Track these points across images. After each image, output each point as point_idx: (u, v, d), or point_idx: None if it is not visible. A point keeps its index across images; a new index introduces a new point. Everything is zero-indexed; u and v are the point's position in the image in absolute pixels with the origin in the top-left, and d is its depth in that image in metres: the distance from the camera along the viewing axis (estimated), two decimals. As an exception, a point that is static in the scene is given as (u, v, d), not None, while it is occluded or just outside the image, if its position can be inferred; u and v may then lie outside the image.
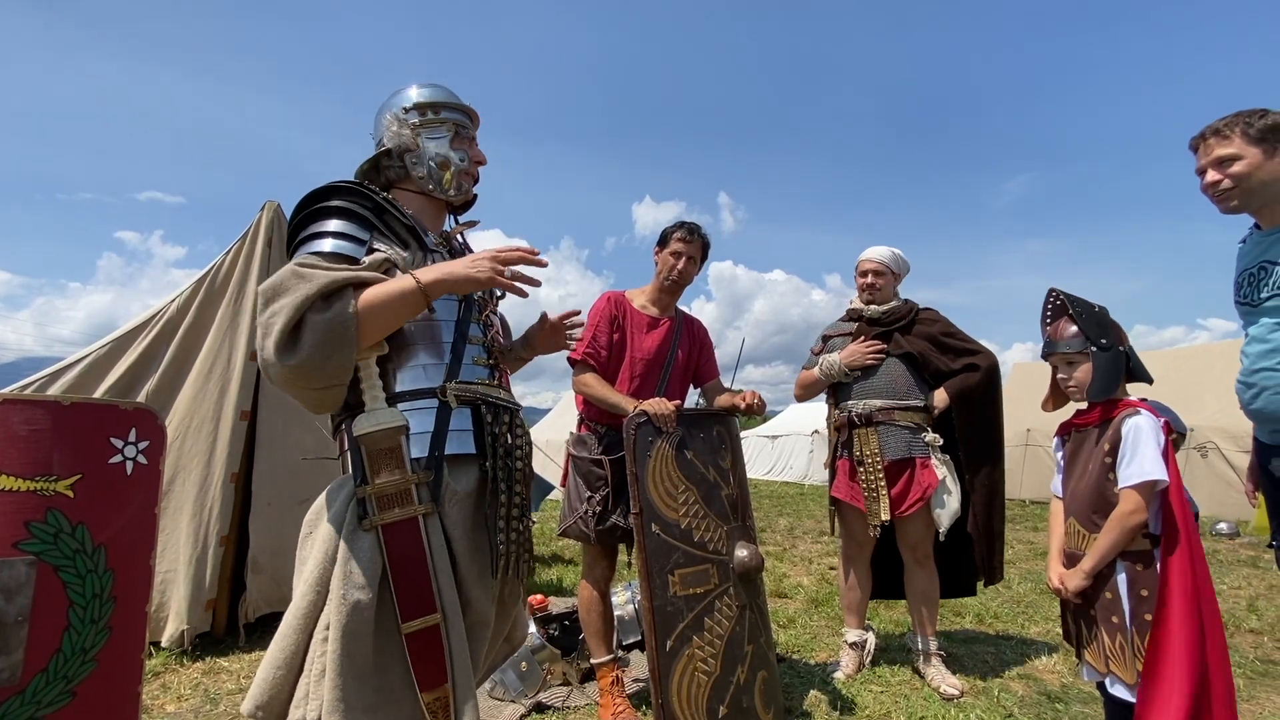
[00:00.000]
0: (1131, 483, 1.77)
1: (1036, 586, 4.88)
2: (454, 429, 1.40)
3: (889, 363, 2.94)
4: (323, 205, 1.42)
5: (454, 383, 1.42)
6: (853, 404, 2.96)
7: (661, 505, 2.15)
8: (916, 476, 2.84)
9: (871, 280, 3.03)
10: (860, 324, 3.07)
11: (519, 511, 1.45)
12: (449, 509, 1.37)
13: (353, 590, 1.25)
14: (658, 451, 2.20)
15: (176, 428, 3.41)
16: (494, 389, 1.50)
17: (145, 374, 3.47)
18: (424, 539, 1.31)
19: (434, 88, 1.62)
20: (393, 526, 1.30)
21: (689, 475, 2.24)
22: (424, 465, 1.36)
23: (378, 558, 1.29)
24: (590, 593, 2.67)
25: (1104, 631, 1.81)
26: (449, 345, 1.45)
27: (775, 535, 7.71)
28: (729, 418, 2.53)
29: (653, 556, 2.09)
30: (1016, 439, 10.94)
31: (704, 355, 2.88)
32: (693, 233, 2.74)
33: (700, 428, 2.34)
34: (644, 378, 2.65)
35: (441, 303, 1.48)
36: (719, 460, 2.35)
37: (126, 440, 1.72)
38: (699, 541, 2.20)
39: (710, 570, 2.19)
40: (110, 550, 1.64)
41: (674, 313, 2.83)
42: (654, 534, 2.11)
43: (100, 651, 1.60)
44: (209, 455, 3.42)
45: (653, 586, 2.07)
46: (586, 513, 2.57)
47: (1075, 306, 1.97)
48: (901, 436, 2.88)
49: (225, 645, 3.40)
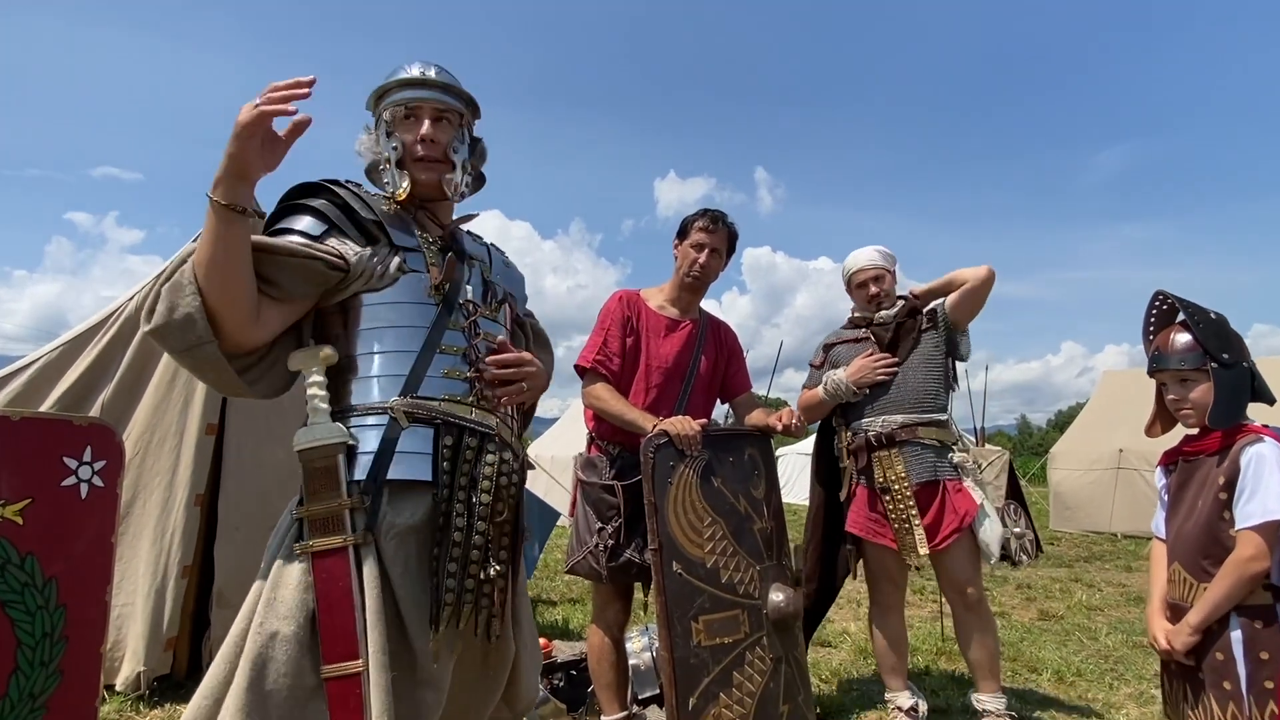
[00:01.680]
0: (1252, 523, 1.73)
1: (1128, 639, 4.78)
2: (404, 450, 1.42)
3: (907, 370, 2.96)
4: (283, 205, 1.53)
5: (409, 397, 1.45)
6: (869, 422, 2.97)
7: (684, 541, 2.16)
8: (949, 503, 2.82)
9: (875, 290, 3.06)
10: (869, 329, 3.09)
11: (480, 555, 1.43)
12: (386, 543, 1.39)
13: (273, 619, 1.30)
14: (680, 478, 2.21)
15: (135, 443, 3.49)
16: (466, 407, 1.50)
17: (100, 382, 3.56)
18: (351, 573, 1.33)
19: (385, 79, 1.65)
20: (322, 556, 1.34)
21: (716, 506, 2.25)
22: (362, 489, 1.39)
23: (308, 589, 1.33)
24: (601, 639, 2.68)
25: (1213, 699, 1.78)
26: (414, 355, 1.48)
27: (818, 572, 7.64)
28: (763, 439, 2.53)
29: (673, 600, 2.10)
30: (1105, 460, 10.74)
31: (733, 364, 2.89)
32: (716, 221, 2.74)
33: (730, 450, 2.35)
34: (661, 389, 2.66)
35: (414, 307, 1.52)
36: (751, 488, 2.36)
37: (81, 460, 1.78)
38: (727, 583, 2.20)
39: (740, 617, 2.20)
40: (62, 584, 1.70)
41: (697, 314, 2.84)
42: (675, 574, 2.12)
43: (51, 698, 1.65)
44: (171, 475, 3.49)
45: (673, 635, 2.08)
46: (597, 546, 2.57)
47: (1189, 313, 1.93)
48: (925, 457, 2.88)
49: (187, 689, 3.46)
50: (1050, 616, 5.42)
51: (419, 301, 1.53)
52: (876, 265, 3.07)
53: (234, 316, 1.35)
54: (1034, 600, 6.02)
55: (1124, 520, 10.60)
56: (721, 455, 2.32)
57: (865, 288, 3.09)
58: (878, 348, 3.03)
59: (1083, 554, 8.98)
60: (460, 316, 1.57)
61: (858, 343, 3.13)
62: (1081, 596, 6.14)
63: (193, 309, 1.30)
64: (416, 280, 1.55)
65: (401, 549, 1.40)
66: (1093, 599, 6.08)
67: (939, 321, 3.00)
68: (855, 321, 3.18)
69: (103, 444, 1.83)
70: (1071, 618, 5.38)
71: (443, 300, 1.55)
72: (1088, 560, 8.50)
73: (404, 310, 1.52)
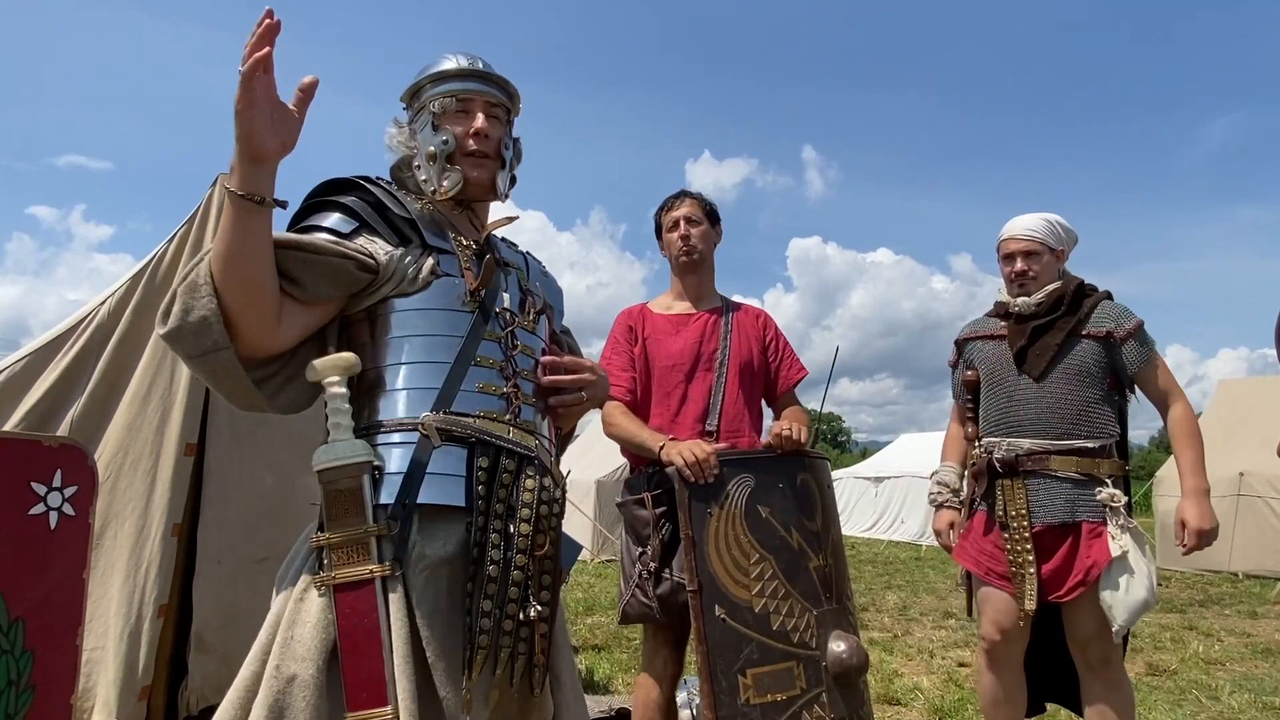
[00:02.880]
0: None
1: (1257, 699, 4.64)
2: (435, 472, 1.45)
3: (1054, 378, 2.75)
4: (310, 202, 1.59)
5: (441, 412, 1.47)
6: (994, 442, 2.83)
7: (727, 581, 2.15)
8: (1082, 548, 2.69)
9: (1023, 266, 2.84)
10: (1010, 323, 2.90)
11: (519, 593, 1.45)
12: (415, 576, 1.41)
13: (290, 661, 1.32)
14: (723, 508, 2.21)
15: (106, 466, 3.56)
16: (500, 425, 1.53)
17: (69, 397, 3.63)
18: (380, 608, 1.35)
19: (424, 70, 1.73)
20: (345, 588, 1.36)
21: (765, 540, 2.24)
22: (390, 514, 1.41)
23: (329, 625, 1.35)
24: (650, 692, 2.63)
25: None
26: (448, 366, 1.51)
27: (882, 617, 7.57)
28: (818, 461, 2.51)
29: (717, 650, 2.09)
30: (1223, 485, 10.47)
31: (774, 353, 2.87)
32: (678, 196, 2.88)
33: (779, 474, 2.34)
34: (685, 391, 2.68)
35: (448, 314, 1.55)
36: (806, 520, 2.34)
37: (50, 485, 1.83)
38: (779, 630, 2.19)
39: (795, 670, 2.18)
40: (30, 626, 1.74)
41: (715, 303, 2.87)
42: (718, 619, 2.11)
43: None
44: (146, 501, 3.55)
45: (717, 691, 2.07)
46: (641, 575, 2.54)
47: None
48: (1061, 492, 2.71)
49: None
50: (1160, 671, 5.29)
51: (453, 309, 1.57)
52: (1031, 236, 2.83)
53: (253, 318, 1.38)
54: (1140, 652, 5.87)
55: (1246, 557, 10.34)
56: (769, 480, 2.31)
57: (1012, 261, 2.87)
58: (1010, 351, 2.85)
59: (1197, 597, 8.79)
60: (496, 326, 1.60)
61: (996, 339, 2.94)
62: (1197, 648, 5.98)
63: (208, 311, 1.34)
64: (450, 285, 1.59)
65: (432, 584, 1.43)
66: (1211, 651, 5.93)
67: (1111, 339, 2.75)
68: (997, 309, 2.99)
69: (74, 467, 1.88)
70: (1186, 673, 5.24)
71: (479, 308, 1.59)
72: (1203, 604, 8.31)
73: (436, 318, 1.55)
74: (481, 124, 1.67)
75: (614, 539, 11.70)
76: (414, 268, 1.56)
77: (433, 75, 1.70)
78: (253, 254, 1.35)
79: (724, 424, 2.66)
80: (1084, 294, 2.83)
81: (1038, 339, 2.78)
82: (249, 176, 1.31)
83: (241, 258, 1.34)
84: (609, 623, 6.79)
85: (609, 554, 11.83)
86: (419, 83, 1.71)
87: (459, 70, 1.69)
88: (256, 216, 1.33)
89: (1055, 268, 2.88)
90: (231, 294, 1.35)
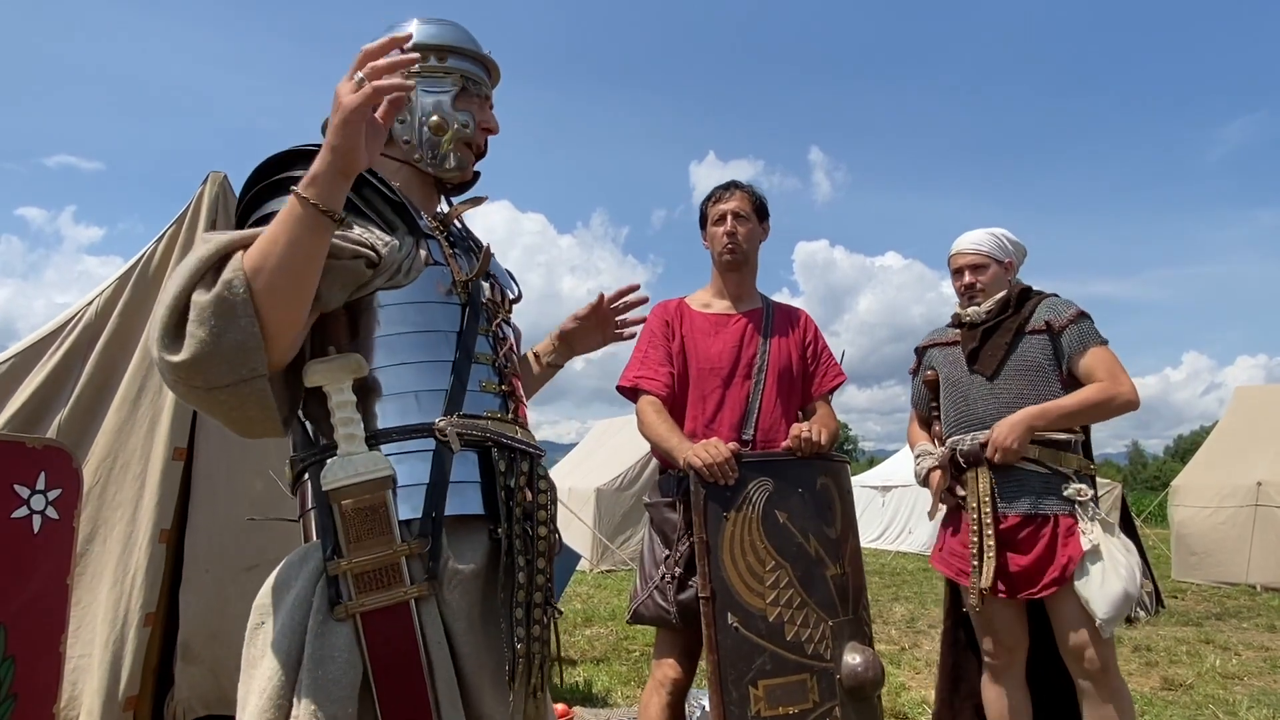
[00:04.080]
0: None
1: (1276, 714, 4.62)
2: (456, 481, 1.40)
3: (1001, 381, 2.89)
4: (281, 177, 1.42)
5: (457, 416, 1.42)
6: (958, 439, 2.93)
7: (741, 588, 2.14)
8: (1059, 545, 2.70)
9: (970, 279, 3.01)
10: (963, 330, 3.05)
11: (542, 597, 1.44)
12: (449, 593, 1.36)
13: (328, 705, 1.23)
14: (739, 512, 2.19)
15: (95, 471, 3.54)
16: (508, 425, 1.50)
17: (55, 400, 3.61)
18: (418, 633, 1.31)
19: (443, 25, 1.65)
20: (375, 616, 1.29)
21: (781, 547, 2.22)
22: (417, 532, 1.35)
23: (357, 659, 1.28)
24: (660, 699, 2.58)
25: None
26: (450, 365, 1.45)
27: (889, 629, 7.55)
28: (839, 466, 2.49)
29: (728, 660, 2.08)
30: (1240, 496, 10.47)
31: (812, 357, 2.85)
32: (728, 187, 2.84)
33: (798, 478, 2.33)
34: (722, 396, 2.65)
35: (439, 307, 1.48)
36: (824, 527, 2.33)
37: (33, 488, 1.79)
38: (793, 641, 2.17)
39: (808, 682, 2.16)
40: (11, 632, 1.70)
41: (756, 303, 2.85)
42: (730, 628, 2.10)
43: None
44: (135, 507, 3.53)
45: (727, 702, 2.06)
46: (664, 578, 2.51)
47: None
48: (1029, 483, 2.79)
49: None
50: (1176, 685, 5.28)
51: (442, 301, 1.49)
52: (979, 250, 3.00)
53: (286, 340, 1.28)
54: (1155, 665, 5.87)
55: (1264, 569, 10.32)
56: (788, 485, 2.30)
57: (961, 275, 3.04)
58: (963, 354, 3.00)
59: (1213, 610, 8.77)
60: (483, 319, 1.54)
61: (950, 345, 3.09)
62: (1214, 662, 5.98)
63: (248, 335, 1.21)
64: (436, 275, 1.50)
65: (465, 599, 1.38)
66: (1228, 665, 5.92)
67: (1051, 330, 2.89)
68: (954, 319, 3.13)
69: (58, 470, 1.84)
70: (1203, 687, 5.23)
71: (468, 299, 1.52)
72: (1219, 618, 8.29)
73: (428, 311, 1.48)
74: (493, 120, 1.65)
75: (614, 548, 11.67)
76: (409, 258, 1.45)
77: (467, 50, 1.64)
78: (313, 271, 1.25)
79: (760, 433, 2.64)
80: (1028, 296, 2.99)
81: (988, 340, 2.93)
82: (334, 191, 1.23)
83: (302, 274, 1.24)
84: (608, 634, 6.76)
85: (608, 564, 11.80)
86: (452, 47, 1.63)
87: (481, 56, 1.66)
88: (326, 233, 1.24)
89: (1004, 279, 3.04)
90: (276, 312, 1.23)
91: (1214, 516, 10.85)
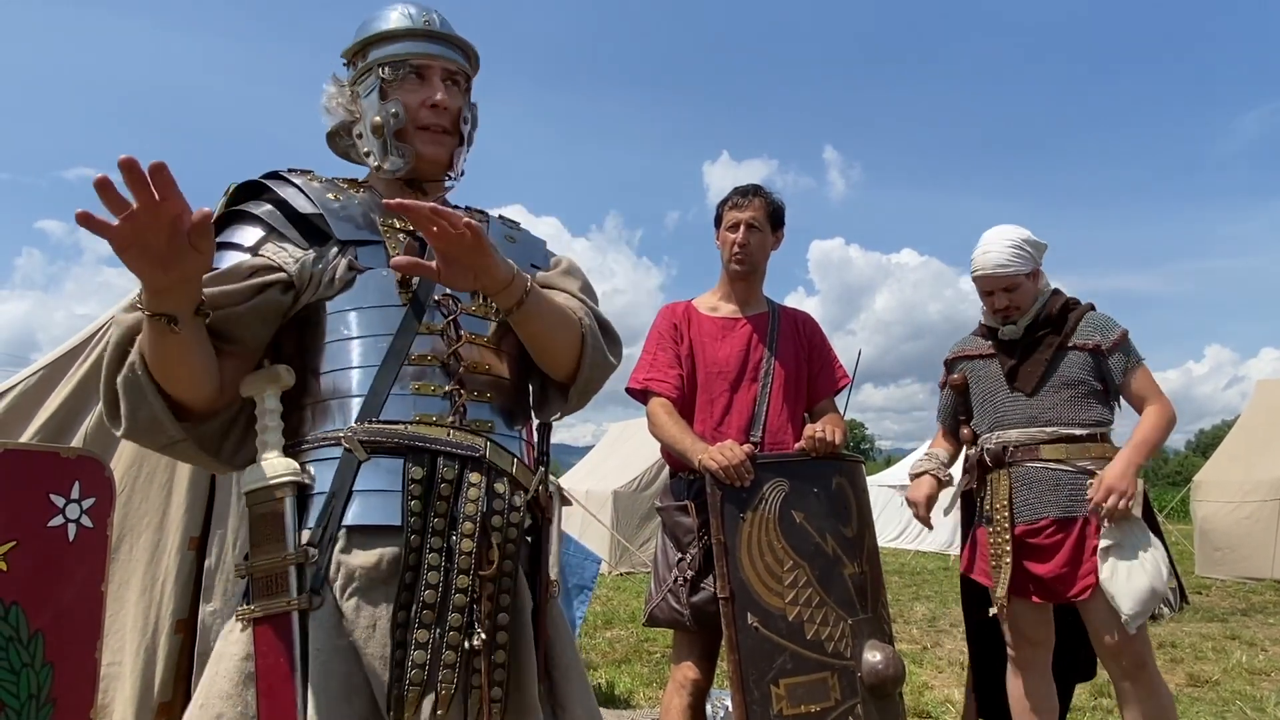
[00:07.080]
0: None
1: (1306, 711, 4.56)
2: (364, 489, 1.35)
3: (1045, 391, 2.84)
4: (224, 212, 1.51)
5: (368, 422, 1.37)
6: (986, 437, 2.92)
7: (760, 588, 2.15)
8: (1088, 545, 2.68)
9: (1005, 302, 2.88)
10: (995, 344, 2.99)
11: (462, 618, 1.31)
12: (345, 603, 1.31)
13: (214, 699, 1.29)
14: (756, 513, 2.20)
15: (121, 478, 3.57)
16: (439, 429, 1.40)
17: (82, 410, 3.66)
18: (294, 644, 1.27)
19: (363, 21, 1.58)
20: (262, 621, 1.29)
21: (799, 547, 2.23)
22: (309, 539, 1.32)
23: (250, 663, 1.30)
24: (681, 700, 2.59)
25: None
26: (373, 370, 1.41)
27: (910, 629, 7.51)
28: (853, 465, 2.50)
29: (749, 659, 2.09)
30: (1264, 490, 10.33)
31: (815, 360, 2.87)
32: (746, 193, 2.81)
33: (813, 478, 2.33)
34: (729, 400, 2.67)
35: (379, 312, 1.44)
36: (841, 525, 2.33)
37: (69, 497, 1.84)
38: (813, 640, 2.18)
39: (829, 680, 2.17)
40: (49, 638, 1.74)
41: (762, 307, 2.87)
42: (750, 628, 2.11)
43: (37, 771, 1.69)
44: (162, 514, 3.57)
45: (749, 701, 2.06)
46: (676, 581, 2.54)
47: None
48: (1052, 483, 2.75)
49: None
50: (1202, 682, 5.23)
51: (386, 304, 1.45)
52: (1006, 272, 2.84)
53: (201, 402, 1.37)
54: (1180, 662, 5.81)
55: (1290, 565, 10.19)
56: (804, 485, 2.31)
57: (991, 296, 2.92)
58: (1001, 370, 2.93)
59: (1239, 606, 8.67)
60: (435, 317, 1.47)
61: (985, 358, 3.02)
62: (1240, 658, 5.90)
63: (158, 409, 1.31)
64: (381, 279, 1.47)
65: (363, 611, 1.31)
66: (1255, 661, 5.84)
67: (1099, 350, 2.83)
68: (984, 329, 3.08)
69: (92, 479, 1.88)
70: (1229, 684, 5.18)
71: (410, 299, 1.46)
72: (1245, 613, 8.19)
73: (367, 317, 1.45)
74: (441, 96, 1.52)
75: (633, 550, 11.66)
76: (330, 269, 1.44)
77: (382, 33, 1.54)
78: (186, 357, 1.29)
79: (768, 436, 2.65)
80: (1068, 309, 2.92)
81: (1028, 357, 2.88)
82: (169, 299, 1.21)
83: (176, 363, 1.29)
84: (629, 636, 6.76)
85: (627, 565, 11.79)
86: (366, 39, 1.55)
87: (413, 30, 1.53)
88: (174, 333, 1.23)
89: (1034, 289, 2.93)
90: (174, 388, 1.31)
91: (1237, 511, 10.72)
